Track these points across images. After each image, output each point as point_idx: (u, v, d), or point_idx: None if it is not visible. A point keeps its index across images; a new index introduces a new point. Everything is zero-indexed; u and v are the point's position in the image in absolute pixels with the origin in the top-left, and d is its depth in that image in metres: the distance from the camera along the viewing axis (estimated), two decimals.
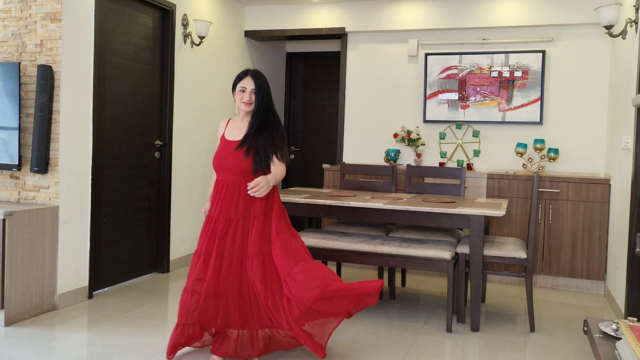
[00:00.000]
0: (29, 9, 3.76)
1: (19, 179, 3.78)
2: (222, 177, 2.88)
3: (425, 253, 3.57)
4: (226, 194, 2.85)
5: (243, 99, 2.87)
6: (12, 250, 3.38)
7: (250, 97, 2.87)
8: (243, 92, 2.88)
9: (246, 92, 2.87)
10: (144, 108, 4.59)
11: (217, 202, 2.87)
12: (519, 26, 5.08)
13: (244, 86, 2.89)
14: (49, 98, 3.62)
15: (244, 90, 2.88)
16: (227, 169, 2.86)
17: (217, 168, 2.90)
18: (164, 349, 3.09)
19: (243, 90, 2.88)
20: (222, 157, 2.87)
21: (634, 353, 1.24)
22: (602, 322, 1.59)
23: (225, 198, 2.85)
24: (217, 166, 2.89)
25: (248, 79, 2.89)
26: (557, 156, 4.91)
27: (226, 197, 2.84)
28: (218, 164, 2.89)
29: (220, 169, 2.88)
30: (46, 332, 3.29)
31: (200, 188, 5.27)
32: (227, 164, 2.85)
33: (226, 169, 2.86)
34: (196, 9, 5.10)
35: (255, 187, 2.72)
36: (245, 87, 2.88)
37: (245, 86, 2.88)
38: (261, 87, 2.87)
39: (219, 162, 2.89)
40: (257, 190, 2.72)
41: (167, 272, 4.81)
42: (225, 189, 2.86)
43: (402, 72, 5.53)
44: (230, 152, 2.86)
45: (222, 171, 2.88)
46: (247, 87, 2.87)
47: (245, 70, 2.93)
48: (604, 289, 4.59)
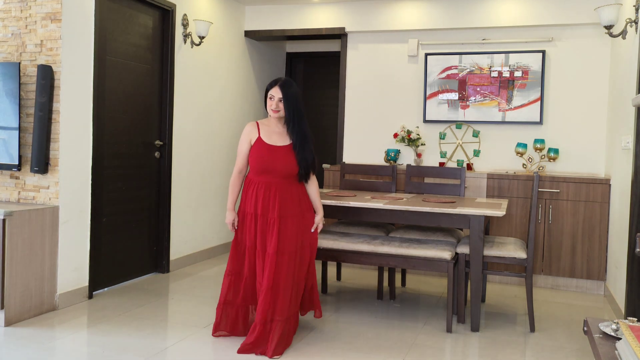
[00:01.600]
0: (29, 9, 3.76)
1: (19, 179, 3.78)
2: (264, 178, 3.11)
3: (425, 253, 3.57)
4: (269, 193, 3.10)
5: (271, 106, 3.14)
6: (12, 250, 3.38)
7: (277, 105, 3.12)
8: (271, 99, 3.14)
9: (273, 100, 3.12)
10: (144, 108, 4.58)
11: (257, 201, 3.11)
12: (519, 26, 5.08)
13: (272, 94, 3.14)
14: (49, 98, 3.62)
15: (272, 98, 3.14)
16: (275, 171, 3.10)
17: (262, 170, 3.10)
18: (164, 349, 3.09)
19: (271, 98, 3.14)
20: (269, 160, 3.10)
21: (634, 353, 1.24)
22: (602, 322, 1.59)
23: (266, 198, 3.10)
24: (262, 168, 3.10)
25: (276, 89, 3.12)
26: (557, 156, 4.91)
27: (268, 197, 3.10)
28: (264, 166, 3.10)
29: (265, 171, 3.11)
30: (46, 333, 3.29)
31: (200, 188, 5.27)
32: (277, 167, 3.10)
33: (274, 172, 3.11)
34: (196, 9, 5.10)
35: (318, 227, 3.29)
36: (273, 95, 3.13)
37: (273, 94, 3.13)
38: (288, 96, 3.09)
39: (265, 164, 3.10)
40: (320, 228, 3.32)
41: (167, 272, 4.81)
42: (272, 189, 3.11)
43: (402, 72, 5.53)
44: (279, 156, 3.11)
45: (266, 173, 3.11)
46: (275, 95, 3.12)
47: (276, 79, 3.15)
48: (604, 289, 4.59)
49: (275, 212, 3.07)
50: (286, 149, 3.13)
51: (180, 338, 3.27)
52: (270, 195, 3.09)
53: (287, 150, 3.13)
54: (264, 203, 3.08)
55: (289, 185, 3.14)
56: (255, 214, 3.10)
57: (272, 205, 3.08)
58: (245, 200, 3.16)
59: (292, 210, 3.12)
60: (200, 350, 3.10)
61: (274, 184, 3.10)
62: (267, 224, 3.08)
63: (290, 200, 3.12)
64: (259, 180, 3.11)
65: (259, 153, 3.10)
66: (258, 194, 3.10)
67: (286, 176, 3.12)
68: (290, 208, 3.11)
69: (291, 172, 3.13)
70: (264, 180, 3.10)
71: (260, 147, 3.11)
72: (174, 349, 3.10)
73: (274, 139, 3.15)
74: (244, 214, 3.16)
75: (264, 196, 3.09)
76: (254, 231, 3.12)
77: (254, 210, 3.11)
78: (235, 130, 5.83)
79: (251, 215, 3.11)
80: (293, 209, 3.13)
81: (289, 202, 3.12)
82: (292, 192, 3.15)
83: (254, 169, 3.13)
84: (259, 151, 3.11)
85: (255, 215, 3.10)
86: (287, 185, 3.13)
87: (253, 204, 3.11)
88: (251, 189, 3.13)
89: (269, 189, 3.09)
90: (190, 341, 3.22)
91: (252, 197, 3.12)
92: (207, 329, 3.41)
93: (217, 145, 5.54)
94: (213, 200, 5.50)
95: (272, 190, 3.09)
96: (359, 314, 3.83)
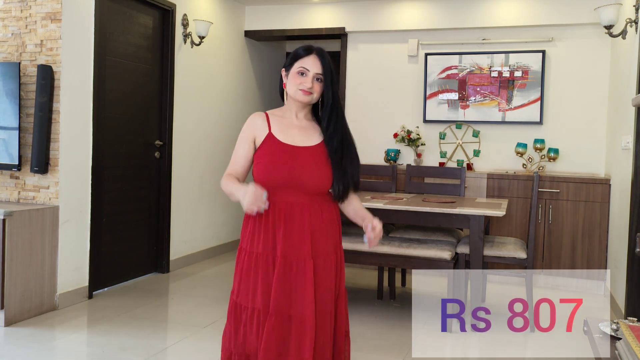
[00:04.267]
0: (29, 9, 3.76)
1: (19, 179, 3.78)
2: (283, 197, 1.98)
3: (425, 253, 3.57)
4: (293, 221, 1.98)
5: (302, 85, 2.01)
6: (12, 251, 3.38)
7: (312, 83, 2.01)
8: (303, 75, 2.01)
9: (307, 77, 2.01)
10: (144, 108, 4.58)
11: (275, 233, 1.98)
12: (519, 26, 5.08)
13: (305, 67, 2.01)
14: (49, 98, 3.62)
15: (304, 74, 2.01)
16: (301, 186, 1.98)
17: (279, 184, 1.97)
18: (164, 349, 3.09)
19: (303, 73, 2.01)
20: (290, 168, 1.98)
21: (634, 353, 1.24)
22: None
23: (289, 228, 1.97)
24: (281, 181, 1.97)
25: (313, 59, 2.02)
26: (557, 156, 4.91)
27: (292, 226, 1.97)
28: (283, 178, 1.97)
29: (285, 186, 1.98)
30: (46, 332, 3.29)
31: (200, 188, 5.27)
32: (304, 179, 1.98)
33: (299, 186, 1.98)
34: (196, 9, 5.10)
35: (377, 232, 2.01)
36: (308, 69, 2.01)
37: (308, 68, 2.01)
38: (332, 73, 2.04)
39: (284, 174, 1.97)
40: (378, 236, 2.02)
41: (167, 273, 4.81)
42: (298, 214, 1.99)
43: (402, 72, 5.53)
44: (305, 161, 2.00)
45: (286, 189, 1.98)
46: (310, 69, 2.01)
47: (308, 47, 2.05)
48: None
49: (306, 250, 1.97)
50: (314, 151, 2.03)
51: (180, 338, 3.27)
52: (295, 223, 1.97)
53: (316, 153, 2.03)
54: (286, 236, 1.96)
55: (318, 206, 2.02)
56: (271, 256, 1.97)
57: (299, 238, 1.97)
58: (250, 234, 2.02)
59: (325, 247, 2.02)
60: (200, 350, 3.10)
61: (299, 206, 1.98)
62: (291, 269, 1.96)
63: (323, 231, 2.02)
64: (274, 200, 1.97)
65: (274, 157, 1.99)
66: (276, 223, 1.97)
67: (316, 193, 2.02)
68: (323, 243, 2.02)
69: (323, 188, 2.02)
70: (282, 200, 1.98)
71: (273, 149, 2.01)
72: (174, 349, 3.10)
73: (294, 136, 2.04)
74: (250, 256, 2.00)
75: (285, 226, 1.96)
76: (267, 282, 1.95)
77: (269, 248, 1.97)
78: (235, 131, 5.83)
79: (264, 257, 1.98)
80: (326, 245, 2.03)
81: (323, 234, 2.02)
82: (325, 219, 2.03)
83: (266, 182, 1.96)
84: (272, 154, 2.00)
85: (270, 256, 1.97)
86: (316, 207, 2.02)
87: (268, 238, 1.98)
88: (262, 215, 1.99)
89: (291, 213, 1.98)
90: (190, 341, 3.22)
91: (265, 227, 1.98)
92: (207, 329, 3.42)
93: (217, 145, 5.54)
94: (213, 200, 5.50)
95: (299, 216, 1.98)
96: (359, 314, 3.83)
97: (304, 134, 2.07)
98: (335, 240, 2.09)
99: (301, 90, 2.01)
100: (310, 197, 2.01)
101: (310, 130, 2.09)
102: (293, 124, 2.08)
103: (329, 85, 2.04)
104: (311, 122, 2.11)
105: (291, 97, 2.07)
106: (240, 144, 2.08)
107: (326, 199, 2.06)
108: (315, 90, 2.03)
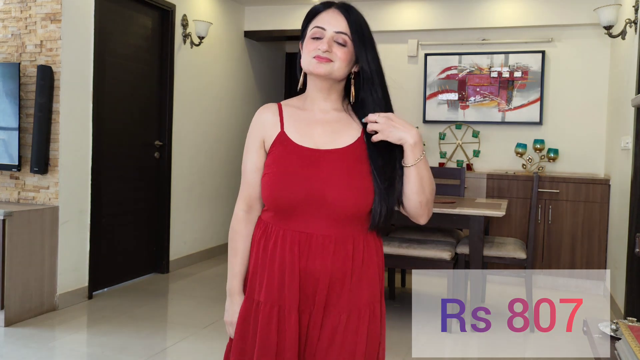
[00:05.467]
0: (29, 10, 3.76)
1: (19, 179, 3.78)
2: (298, 224, 1.37)
3: (425, 253, 3.57)
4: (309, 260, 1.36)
5: (316, 51, 1.36)
6: (12, 251, 3.38)
7: (329, 46, 1.35)
8: (317, 39, 1.38)
9: (324, 38, 1.36)
10: (144, 108, 4.58)
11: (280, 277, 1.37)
12: (519, 26, 5.08)
13: (320, 26, 1.37)
14: (48, 98, 3.62)
15: (318, 37, 1.37)
16: (322, 206, 1.34)
17: (292, 205, 1.36)
18: (164, 349, 3.09)
19: (317, 36, 1.37)
20: (305, 183, 1.34)
21: (634, 353, 1.24)
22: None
23: (303, 270, 1.36)
24: (293, 200, 1.35)
25: (332, 14, 1.38)
26: (557, 156, 4.91)
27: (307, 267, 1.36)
28: (294, 196, 1.35)
29: (298, 208, 1.36)
30: (46, 333, 3.29)
31: (199, 188, 5.27)
32: (326, 197, 1.34)
33: (319, 207, 1.35)
34: (196, 9, 5.10)
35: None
36: (324, 27, 1.37)
37: (324, 26, 1.37)
38: (365, 33, 1.40)
39: (297, 191, 1.35)
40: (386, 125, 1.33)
41: (167, 273, 4.81)
42: (313, 249, 1.36)
43: (402, 73, 5.53)
44: (330, 171, 1.35)
45: (300, 212, 1.36)
46: (328, 28, 1.36)
47: (326, 2, 1.42)
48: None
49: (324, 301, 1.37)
50: (345, 156, 1.38)
51: (180, 338, 3.27)
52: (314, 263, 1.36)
53: (348, 158, 1.38)
54: (303, 279, 1.36)
55: (350, 239, 1.38)
56: (279, 306, 1.37)
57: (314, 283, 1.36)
58: (251, 272, 1.45)
59: (356, 300, 1.39)
60: (200, 350, 3.10)
61: (320, 238, 1.36)
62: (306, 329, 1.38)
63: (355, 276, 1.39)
64: (284, 230, 1.38)
65: (285, 166, 1.37)
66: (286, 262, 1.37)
67: (347, 218, 1.36)
68: (353, 294, 1.39)
69: (357, 210, 1.36)
70: (296, 228, 1.37)
71: (285, 154, 1.39)
72: (173, 349, 3.10)
73: (316, 134, 1.41)
74: (249, 304, 1.43)
75: (300, 266, 1.36)
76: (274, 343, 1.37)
77: (276, 296, 1.38)
78: (234, 131, 5.83)
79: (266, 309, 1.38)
80: (358, 296, 1.39)
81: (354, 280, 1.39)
82: (357, 259, 1.39)
83: (273, 203, 1.38)
84: (283, 162, 1.38)
85: (278, 307, 1.38)
86: (347, 240, 1.37)
87: (273, 281, 1.38)
88: (268, 248, 1.40)
89: (309, 249, 1.36)
90: (190, 341, 3.22)
91: (270, 266, 1.39)
92: (207, 329, 3.42)
93: (217, 146, 5.54)
94: (213, 200, 5.50)
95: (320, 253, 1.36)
96: None
97: (331, 131, 1.41)
98: (373, 290, 1.41)
99: (315, 58, 1.35)
100: (339, 224, 1.36)
101: (341, 125, 1.42)
102: (315, 118, 1.42)
103: (361, 49, 1.38)
104: (342, 113, 1.44)
105: (309, 77, 1.41)
106: (247, 154, 1.45)
107: (362, 228, 1.39)
108: (338, 56, 1.35)
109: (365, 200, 1.35)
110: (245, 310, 1.43)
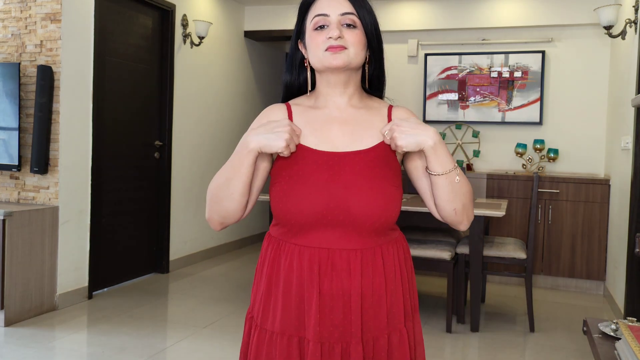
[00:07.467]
0: (29, 10, 3.76)
1: (19, 179, 3.78)
2: (315, 239, 1.19)
3: (425, 253, 3.57)
4: (333, 281, 1.18)
5: (326, 41, 1.22)
6: (12, 251, 3.38)
7: (339, 31, 1.22)
8: (321, 28, 1.24)
9: (330, 25, 1.23)
10: (144, 108, 4.59)
11: (298, 303, 1.20)
12: (519, 26, 5.08)
13: (322, 12, 1.24)
14: (48, 98, 3.62)
15: (322, 27, 1.24)
16: (345, 218, 1.17)
17: (310, 217, 1.18)
18: (164, 349, 3.09)
19: (321, 25, 1.24)
20: (324, 191, 1.17)
21: (634, 353, 1.24)
22: (601, 322, 1.59)
23: (325, 293, 1.18)
24: (311, 212, 1.17)
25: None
26: (557, 156, 4.91)
27: (330, 288, 1.18)
28: (312, 208, 1.17)
29: (316, 221, 1.18)
30: (46, 333, 3.29)
31: (199, 188, 5.27)
32: (349, 207, 1.17)
33: (341, 219, 1.17)
34: (196, 9, 5.10)
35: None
36: (327, 13, 1.23)
37: (327, 12, 1.24)
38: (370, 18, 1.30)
39: (315, 201, 1.17)
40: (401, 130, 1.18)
41: (167, 273, 4.81)
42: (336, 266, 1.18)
43: (402, 73, 5.53)
44: (353, 177, 1.19)
45: (319, 225, 1.18)
46: (331, 13, 1.23)
47: None
48: (603, 289, 4.59)
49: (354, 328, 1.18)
50: (369, 157, 1.22)
51: (180, 338, 3.27)
52: (338, 283, 1.18)
53: (372, 160, 1.22)
54: (323, 306, 1.17)
55: (379, 253, 1.22)
56: (299, 337, 1.19)
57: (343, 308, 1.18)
58: (263, 298, 1.24)
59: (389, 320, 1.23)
60: (200, 350, 3.10)
61: (344, 254, 1.19)
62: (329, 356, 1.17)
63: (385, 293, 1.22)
64: (301, 246, 1.20)
65: (300, 173, 1.20)
66: (305, 284, 1.19)
67: (374, 230, 1.20)
68: (385, 315, 1.22)
69: (385, 220, 1.20)
70: (315, 244, 1.19)
71: (298, 159, 1.21)
72: (173, 349, 3.11)
73: (334, 135, 1.25)
74: (262, 335, 1.23)
75: (321, 289, 1.18)
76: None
77: (293, 326, 1.19)
78: (235, 131, 5.83)
79: (284, 341, 1.19)
80: (391, 316, 1.23)
81: (384, 299, 1.22)
82: (388, 273, 1.23)
83: (285, 217, 1.20)
84: (297, 169, 1.21)
85: (297, 339, 1.19)
86: (375, 254, 1.21)
87: (290, 308, 1.20)
88: (283, 269, 1.22)
89: (331, 267, 1.19)
90: (190, 341, 3.22)
91: (286, 290, 1.21)
92: (207, 329, 3.42)
93: (217, 146, 5.54)
94: None
95: (344, 270, 1.19)
96: None
97: (350, 131, 1.24)
98: (405, 306, 1.25)
99: (329, 50, 1.20)
100: (364, 237, 1.19)
101: (361, 123, 1.25)
102: (330, 116, 1.26)
103: (371, 29, 1.27)
104: (361, 110, 1.28)
105: (322, 73, 1.26)
106: None
107: (391, 239, 1.24)
108: (350, 41, 1.21)
109: (395, 209, 1.19)
110: (258, 342, 1.20)
